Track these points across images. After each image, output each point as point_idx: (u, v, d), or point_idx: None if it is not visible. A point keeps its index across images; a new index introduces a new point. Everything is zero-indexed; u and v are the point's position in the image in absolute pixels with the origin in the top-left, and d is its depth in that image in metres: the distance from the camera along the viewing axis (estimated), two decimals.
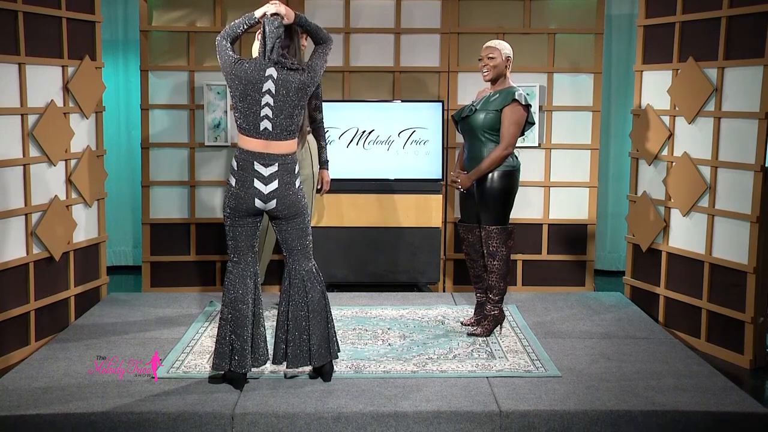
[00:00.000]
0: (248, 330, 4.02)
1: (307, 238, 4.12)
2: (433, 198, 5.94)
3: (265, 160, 3.96)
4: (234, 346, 4.01)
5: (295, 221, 4.06)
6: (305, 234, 4.11)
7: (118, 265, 7.20)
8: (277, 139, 3.97)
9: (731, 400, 3.98)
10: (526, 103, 4.74)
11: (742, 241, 4.87)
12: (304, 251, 4.11)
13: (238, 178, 3.97)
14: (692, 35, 5.25)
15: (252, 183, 3.96)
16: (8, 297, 4.74)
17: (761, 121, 4.72)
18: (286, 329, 4.09)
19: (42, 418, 3.74)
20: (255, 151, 3.95)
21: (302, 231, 4.09)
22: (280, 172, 3.97)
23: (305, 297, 4.08)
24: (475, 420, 3.79)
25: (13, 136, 4.81)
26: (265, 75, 3.93)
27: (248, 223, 4.04)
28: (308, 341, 4.07)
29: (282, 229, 4.09)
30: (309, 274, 4.10)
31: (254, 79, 3.92)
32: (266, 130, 3.95)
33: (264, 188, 3.96)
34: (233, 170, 3.99)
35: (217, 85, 5.99)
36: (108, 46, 6.79)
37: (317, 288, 4.11)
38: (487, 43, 4.86)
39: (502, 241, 4.79)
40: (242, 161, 3.97)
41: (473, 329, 4.94)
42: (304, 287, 4.08)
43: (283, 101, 3.94)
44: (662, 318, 5.51)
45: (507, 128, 4.72)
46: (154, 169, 6.09)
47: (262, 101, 3.93)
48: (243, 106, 3.95)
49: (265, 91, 3.93)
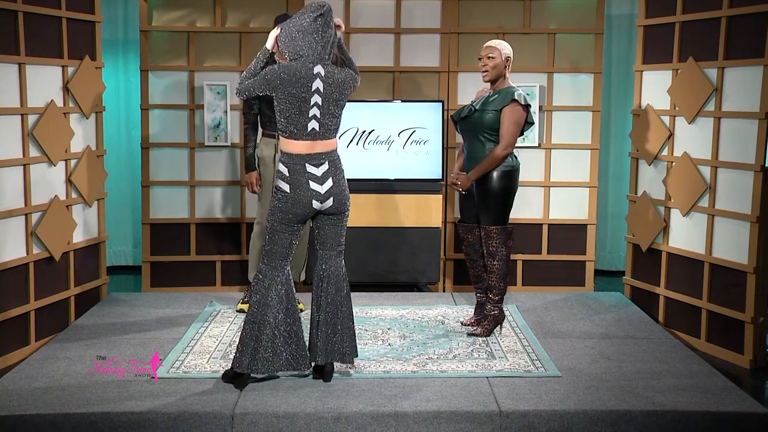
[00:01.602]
0: (269, 333, 4.01)
1: (344, 237, 4.21)
2: (433, 198, 5.94)
3: (315, 160, 4.00)
4: (255, 347, 4.02)
5: (342, 217, 4.14)
6: (344, 232, 4.20)
7: (118, 265, 7.20)
8: (323, 138, 4.01)
9: (731, 400, 3.98)
10: (526, 103, 4.74)
11: (742, 241, 4.87)
12: (339, 249, 4.19)
13: (291, 183, 3.98)
14: (692, 35, 5.25)
15: (307, 185, 3.98)
16: (8, 297, 4.74)
17: (761, 121, 4.72)
18: (321, 326, 4.13)
19: (42, 418, 3.74)
20: (304, 153, 3.99)
21: (343, 228, 4.19)
22: (331, 169, 4.03)
23: (340, 294, 4.14)
24: (475, 420, 3.79)
25: (13, 136, 4.81)
26: (314, 72, 3.95)
27: (293, 230, 4.06)
28: (341, 338, 4.13)
29: (326, 225, 4.14)
30: (343, 273, 4.19)
31: (303, 76, 3.93)
32: (313, 131, 3.98)
33: (320, 188, 4.00)
34: (284, 176, 4.00)
35: (217, 85, 5.99)
36: (108, 46, 6.79)
37: (347, 287, 4.20)
38: (487, 42, 4.86)
39: (501, 241, 4.79)
40: (292, 165, 3.99)
41: (473, 329, 4.94)
42: (338, 286, 4.15)
43: (329, 99, 3.97)
44: (662, 318, 5.51)
45: (507, 128, 4.72)
46: (154, 169, 6.09)
47: (311, 101, 3.96)
48: (291, 110, 3.96)
49: (314, 90, 3.95)
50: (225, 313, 5.36)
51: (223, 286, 6.16)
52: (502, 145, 4.72)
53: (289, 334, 4.06)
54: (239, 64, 6.04)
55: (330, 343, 4.12)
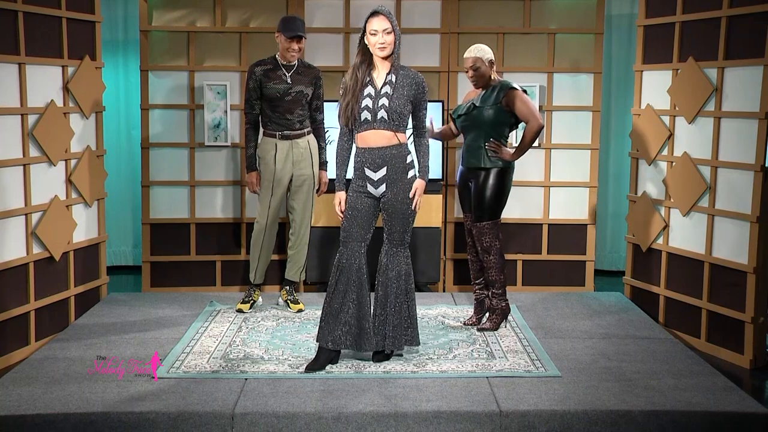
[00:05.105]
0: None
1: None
2: (433, 198, 5.94)
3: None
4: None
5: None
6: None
7: (118, 265, 7.20)
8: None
9: (731, 400, 3.98)
10: (523, 90, 4.89)
11: (742, 241, 4.87)
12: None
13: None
14: (692, 35, 5.25)
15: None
16: (8, 297, 4.74)
17: (761, 121, 4.72)
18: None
19: (42, 418, 3.74)
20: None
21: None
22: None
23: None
24: (475, 420, 3.79)
25: (13, 136, 4.81)
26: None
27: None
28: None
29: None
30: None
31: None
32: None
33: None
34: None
35: (217, 85, 5.99)
36: (108, 46, 6.79)
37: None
38: (466, 54, 4.90)
39: (494, 235, 4.88)
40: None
41: (482, 324, 5.00)
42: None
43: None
44: (662, 318, 5.51)
45: (523, 108, 4.83)
46: (154, 169, 6.09)
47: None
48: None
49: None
50: (225, 313, 5.36)
51: (223, 286, 6.16)
52: (532, 120, 4.80)
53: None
54: (239, 64, 6.04)
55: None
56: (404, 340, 4.43)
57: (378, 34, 4.19)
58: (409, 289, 4.42)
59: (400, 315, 4.38)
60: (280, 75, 5.24)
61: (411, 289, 4.44)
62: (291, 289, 5.51)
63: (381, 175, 4.29)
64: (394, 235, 4.36)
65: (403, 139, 4.30)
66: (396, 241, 4.37)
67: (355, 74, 4.29)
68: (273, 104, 5.24)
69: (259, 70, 5.24)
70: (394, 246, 4.38)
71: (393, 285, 4.36)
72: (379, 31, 4.19)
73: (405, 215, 4.33)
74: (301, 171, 5.34)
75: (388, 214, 4.34)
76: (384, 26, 4.18)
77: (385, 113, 4.22)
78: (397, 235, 4.36)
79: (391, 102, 4.22)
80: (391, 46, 4.22)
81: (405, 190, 4.31)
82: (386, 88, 4.25)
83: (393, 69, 4.28)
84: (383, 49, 4.21)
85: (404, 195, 4.30)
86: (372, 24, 4.20)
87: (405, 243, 4.39)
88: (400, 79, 4.26)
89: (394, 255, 4.37)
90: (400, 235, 4.36)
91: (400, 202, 4.31)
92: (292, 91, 5.24)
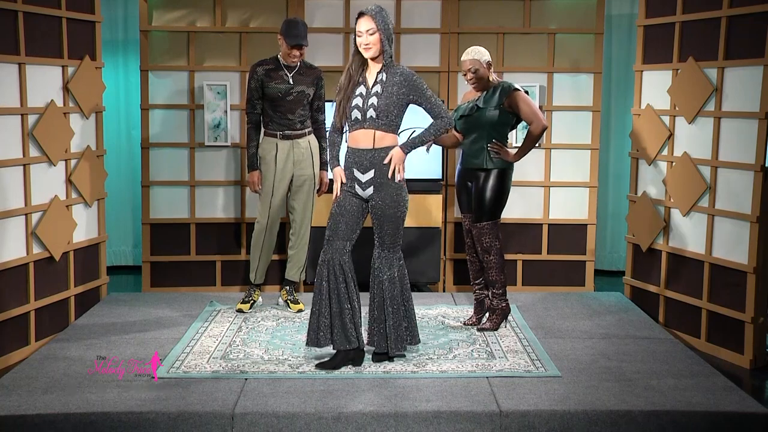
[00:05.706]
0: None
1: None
2: (433, 198, 5.94)
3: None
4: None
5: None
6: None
7: (118, 265, 7.20)
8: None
9: (731, 400, 3.98)
10: (524, 90, 4.90)
11: (742, 241, 4.87)
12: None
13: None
14: (692, 35, 5.25)
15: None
16: (8, 297, 4.74)
17: (761, 121, 4.72)
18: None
19: (42, 418, 3.74)
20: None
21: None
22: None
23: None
24: (475, 420, 3.79)
25: (13, 136, 4.81)
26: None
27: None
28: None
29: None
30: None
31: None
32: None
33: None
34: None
35: (217, 85, 5.99)
36: (108, 46, 6.79)
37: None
38: (463, 57, 4.89)
39: (494, 235, 4.89)
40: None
41: (482, 324, 5.00)
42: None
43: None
44: (662, 318, 5.51)
45: (526, 109, 4.83)
46: (154, 169, 6.09)
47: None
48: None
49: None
50: (225, 313, 5.36)
51: (223, 286, 6.16)
52: (535, 121, 4.81)
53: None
54: (239, 64, 6.04)
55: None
56: (405, 341, 4.43)
57: (363, 35, 4.21)
58: (405, 292, 4.42)
59: (399, 318, 4.38)
60: (282, 75, 5.24)
61: (407, 291, 4.43)
62: (291, 289, 5.51)
63: (368, 178, 4.29)
64: (385, 238, 4.36)
65: (393, 141, 4.30)
66: (387, 245, 4.36)
67: (348, 73, 4.31)
68: (274, 104, 5.24)
69: (261, 69, 5.24)
70: (385, 249, 4.37)
71: (387, 290, 4.35)
72: (363, 32, 4.21)
73: (394, 219, 4.32)
74: (302, 171, 5.34)
75: (377, 217, 4.34)
76: (368, 27, 4.19)
77: (374, 112, 4.23)
78: (387, 238, 4.35)
79: (380, 101, 4.23)
80: (376, 46, 4.22)
81: (392, 195, 4.29)
82: (377, 87, 4.26)
83: (384, 68, 4.28)
84: (367, 50, 4.23)
85: (392, 199, 4.29)
86: (358, 25, 4.23)
87: (396, 246, 4.38)
88: (389, 77, 4.27)
89: (386, 259, 4.37)
90: (390, 239, 4.35)
91: (387, 206, 4.30)
92: (294, 91, 5.24)
